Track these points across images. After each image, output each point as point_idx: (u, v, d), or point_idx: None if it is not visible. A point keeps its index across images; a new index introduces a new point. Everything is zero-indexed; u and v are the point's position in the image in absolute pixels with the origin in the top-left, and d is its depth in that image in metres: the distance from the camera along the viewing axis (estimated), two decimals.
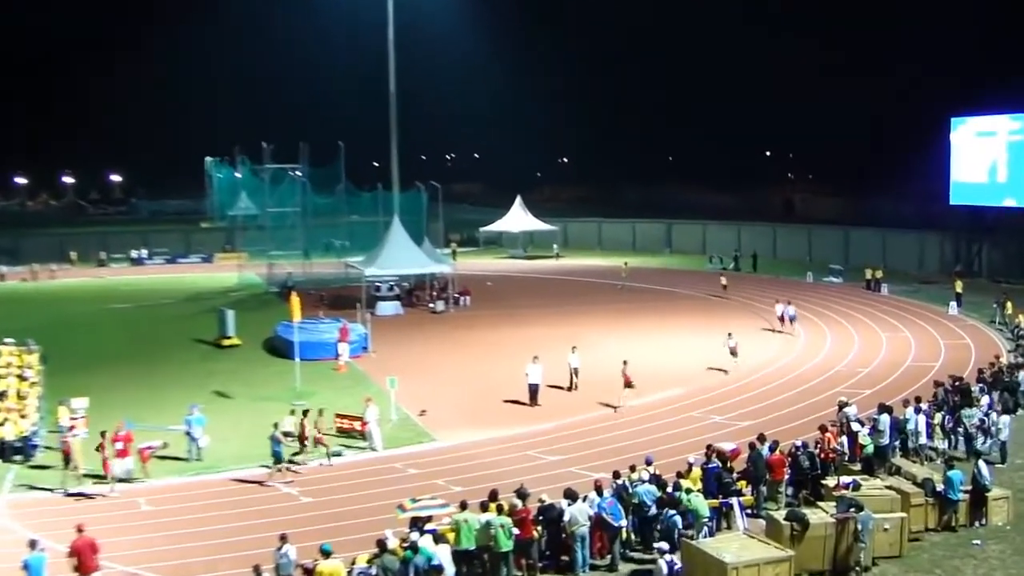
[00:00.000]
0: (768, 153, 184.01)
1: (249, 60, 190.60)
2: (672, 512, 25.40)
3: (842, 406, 34.51)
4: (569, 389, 44.04)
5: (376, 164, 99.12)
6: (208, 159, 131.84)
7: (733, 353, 48.24)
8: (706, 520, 25.82)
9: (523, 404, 41.77)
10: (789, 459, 29.48)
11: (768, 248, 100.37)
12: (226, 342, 56.51)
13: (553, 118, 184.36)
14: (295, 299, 44.83)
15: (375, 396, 37.97)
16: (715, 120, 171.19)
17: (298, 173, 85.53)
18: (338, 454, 35.11)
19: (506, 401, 42.53)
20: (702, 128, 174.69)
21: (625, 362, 42.09)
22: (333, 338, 52.21)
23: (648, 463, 28.47)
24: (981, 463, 28.32)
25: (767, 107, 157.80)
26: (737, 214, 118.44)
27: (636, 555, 26.01)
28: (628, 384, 40.92)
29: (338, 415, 38.20)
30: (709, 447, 29.71)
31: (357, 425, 37.12)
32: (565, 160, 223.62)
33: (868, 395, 41.10)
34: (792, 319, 57.92)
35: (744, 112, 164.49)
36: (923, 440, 32.64)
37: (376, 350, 53.93)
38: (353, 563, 23.48)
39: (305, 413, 35.07)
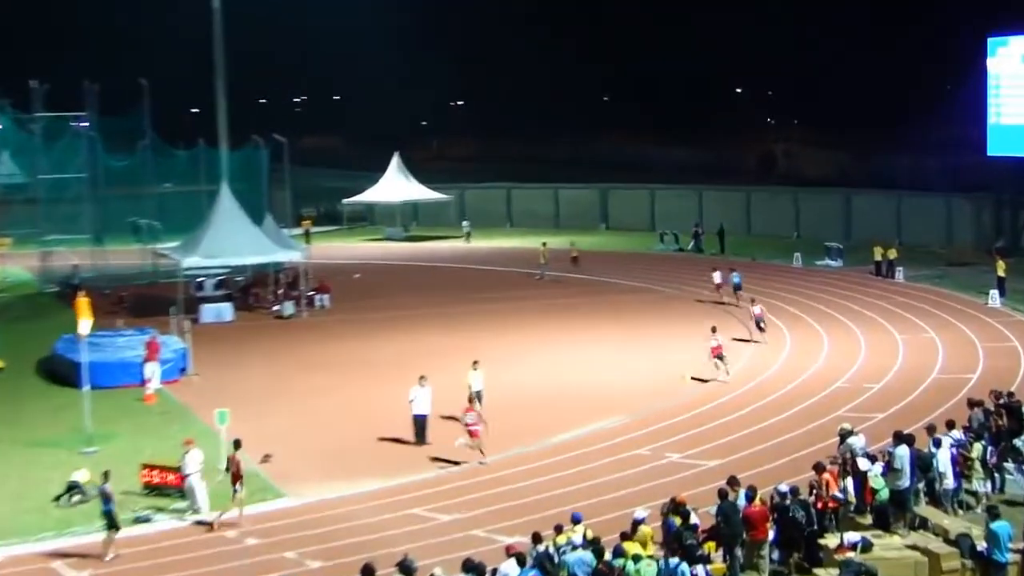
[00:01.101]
0: (740, 90, 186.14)
1: None
2: None
3: (845, 436, 34.65)
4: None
5: (195, 111, 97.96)
6: None
7: (760, 326, 53.17)
8: None
9: (406, 443, 41.54)
10: (774, 511, 29.56)
11: (740, 220, 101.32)
12: None
13: (442, 45, 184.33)
14: (83, 302, 43.97)
15: (198, 437, 37.48)
16: (667, 43, 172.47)
17: (84, 125, 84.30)
18: (146, 520, 34.61)
19: (383, 439, 42.27)
20: (649, 55, 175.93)
21: (473, 399, 41.66)
22: (138, 356, 51.55)
23: (575, 521, 28.44)
24: None
25: (738, 25, 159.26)
26: (698, 174, 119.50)
27: None
28: (472, 430, 39.75)
29: (145, 465, 37.63)
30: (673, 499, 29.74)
31: (172, 478, 36.62)
32: (460, 103, 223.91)
33: (880, 421, 41.59)
34: (737, 288, 60.51)
35: (708, 31, 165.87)
36: (953, 483, 32.87)
37: (199, 372, 53.45)
38: None
39: (237, 445, 35.14)
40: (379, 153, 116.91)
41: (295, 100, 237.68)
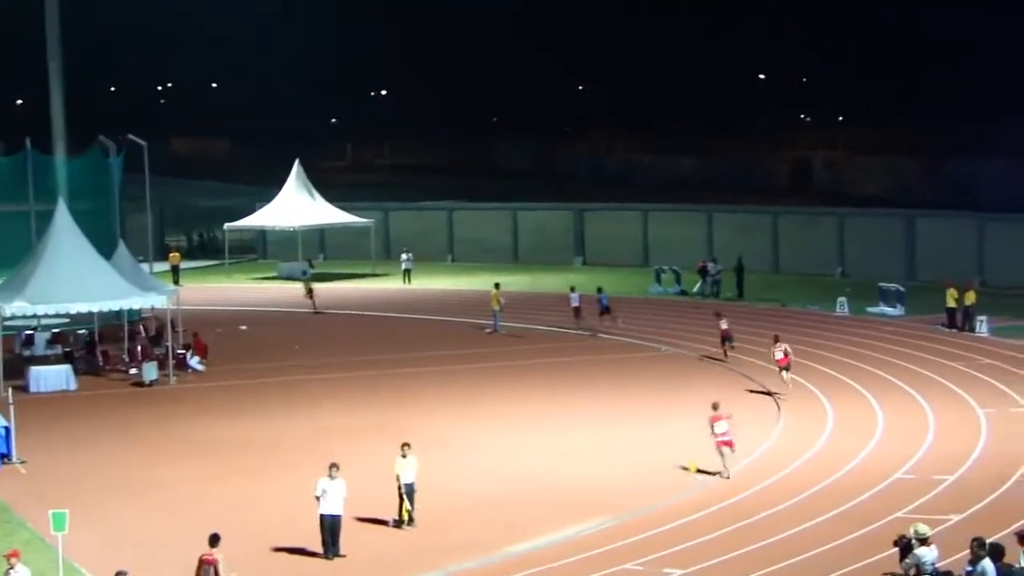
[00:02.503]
0: (763, 76, 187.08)
1: None
2: None
3: (906, 547, 34.89)
4: (398, 523, 43.85)
5: (20, 102, 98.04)
6: None
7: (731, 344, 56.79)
8: None
9: (313, 554, 41.41)
10: None
11: (765, 252, 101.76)
12: None
13: (358, 14, 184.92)
14: None
15: (27, 548, 37.16)
16: (657, 22, 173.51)
17: None
18: None
19: (277, 550, 42.18)
20: (640, 30, 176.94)
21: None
22: None
23: None
24: None
25: None
26: (707, 190, 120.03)
27: None
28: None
29: None
30: None
31: None
32: (383, 93, 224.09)
33: (957, 525, 41.68)
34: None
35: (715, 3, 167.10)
36: None
37: (27, 459, 53.03)
38: None
39: (214, 541, 35.53)
40: (274, 161, 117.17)
41: (158, 89, 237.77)
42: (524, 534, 42.53)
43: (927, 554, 34.03)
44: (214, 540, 35.77)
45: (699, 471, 49.54)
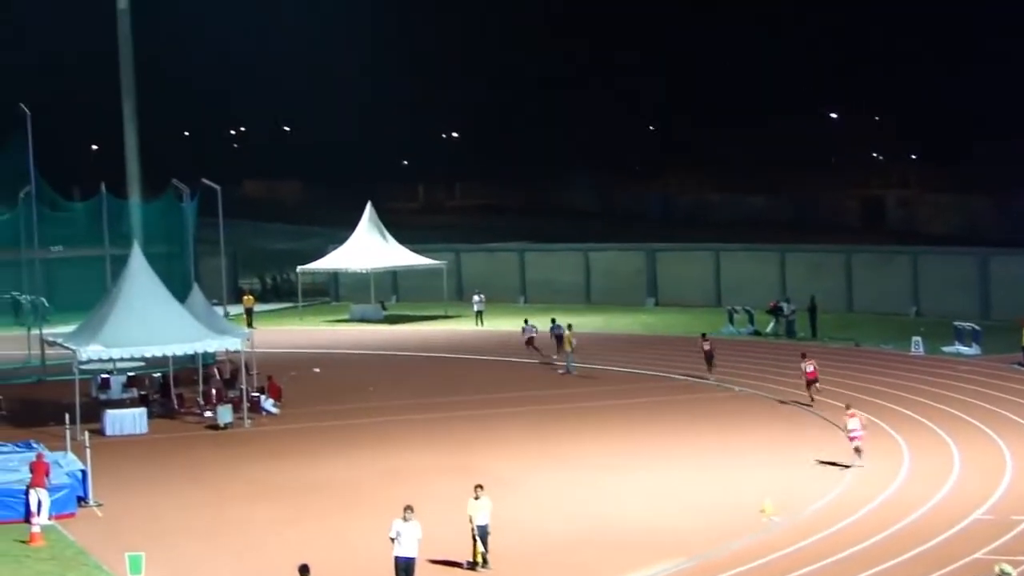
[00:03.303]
0: (835, 115, 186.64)
1: None
2: None
3: None
4: (472, 566, 43.82)
5: (95, 148, 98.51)
6: None
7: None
8: None
9: None
10: None
11: (838, 291, 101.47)
12: None
13: (430, 60, 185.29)
14: None
15: None
16: (729, 58, 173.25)
17: None
18: None
19: None
20: (706, 75, 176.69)
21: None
22: (20, 482, 51.42)
23: None
24: None
25: (823, 27, 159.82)
26: (778, 229, 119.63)
27: None
28: None
29: None
30: None
31: None
32: (455, 136, 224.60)
33: None
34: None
35: (784, 40, 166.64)
36: None
37: (103, 502, 53.21)
38: None
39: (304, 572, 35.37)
40: (346, 203, 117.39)
41: (231, 133, 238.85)
42: None
43: None
44: (304, 572, 35.79)
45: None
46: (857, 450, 55.06)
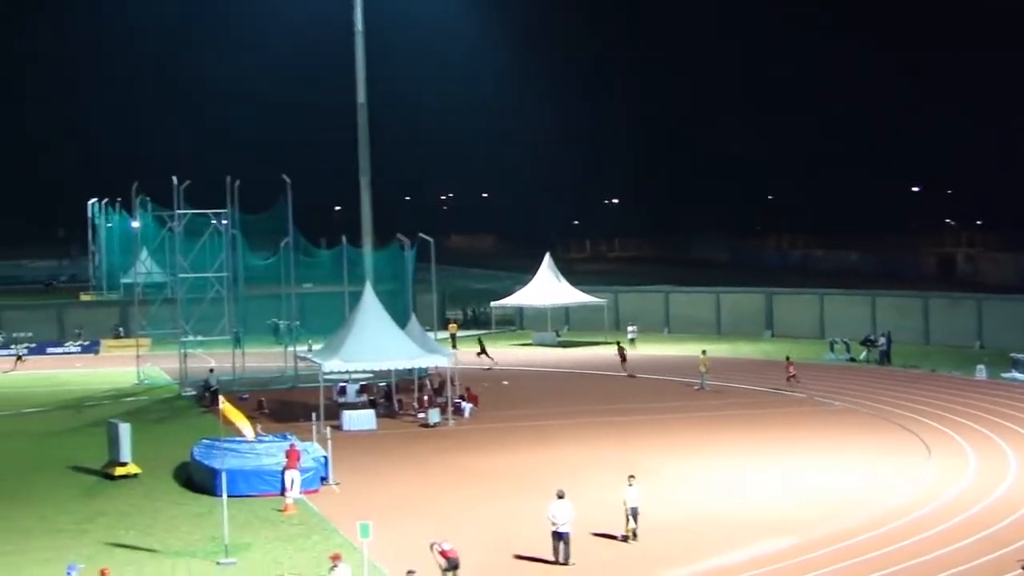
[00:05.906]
0: (916, 189, 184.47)
1: (147, 62, 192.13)
2: None
3: None
4: (625, 539, 43.61)
5: (338, 208, 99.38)
6: (91, 201, 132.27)
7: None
8: None
9: (550, 563, 41.25)
10: None
11: (917, 328, 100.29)
12: (119, 471, 56.19)
13: (598, 142, 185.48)
14: (228, 406, 44.63)
15: (342, 551, 37.55)
16: (835, 140, 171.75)
17: (224, 222, 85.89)
18: None
19: (518, 557, 42.16)
20: (815, 153, 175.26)
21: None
22: (277, 464, 52.05)
23: None
24: None
25: (912, 118, 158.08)
26: (870, 279, 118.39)
27: None
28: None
29: None
30: None
31: None
32: (615, 202, 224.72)
33: None
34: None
35: (878, 126, 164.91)
36: None
37: (340, 482, 53.74)
38: None
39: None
40: (530, 253, 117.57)
41: (442, 196, 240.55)
42: (725, 549, 42.12)
43: None
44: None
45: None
46: None
